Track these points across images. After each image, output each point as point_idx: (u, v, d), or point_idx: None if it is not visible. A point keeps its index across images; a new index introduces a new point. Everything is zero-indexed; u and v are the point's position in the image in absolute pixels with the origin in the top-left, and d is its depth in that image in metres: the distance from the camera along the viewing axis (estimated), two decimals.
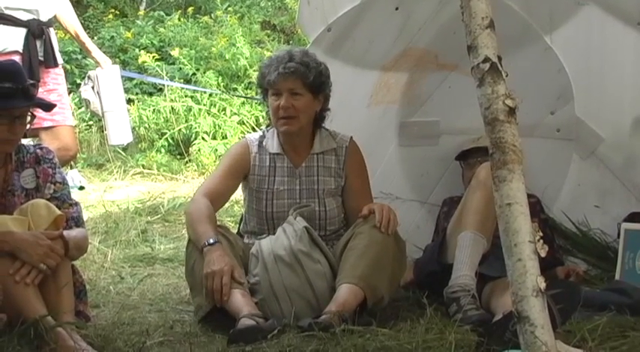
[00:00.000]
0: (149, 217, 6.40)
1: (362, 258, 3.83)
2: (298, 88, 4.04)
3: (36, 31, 5.31)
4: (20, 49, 5.25)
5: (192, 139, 9.31)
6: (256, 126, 9.23)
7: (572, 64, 4.80)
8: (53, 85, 5.47)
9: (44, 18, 5.38)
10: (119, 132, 6.33)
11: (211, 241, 3.88)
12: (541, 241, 2.70)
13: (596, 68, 4.81)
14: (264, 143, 4.19)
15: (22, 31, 5.28)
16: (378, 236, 3.88)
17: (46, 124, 5.32)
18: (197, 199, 4.10)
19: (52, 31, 5.48)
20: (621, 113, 4.87)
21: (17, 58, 5.08)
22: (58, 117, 5.40)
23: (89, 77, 6.27)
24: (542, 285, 2.63)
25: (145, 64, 10.06)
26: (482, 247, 4.08)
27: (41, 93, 4.97)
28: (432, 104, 4.86)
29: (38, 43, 5.34)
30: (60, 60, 5.59)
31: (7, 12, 5.25)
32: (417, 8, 4.58)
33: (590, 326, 3.51)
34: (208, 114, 9.47)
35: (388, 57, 4.69)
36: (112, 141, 6.47)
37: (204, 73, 10.06)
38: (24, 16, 5.29)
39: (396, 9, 4.55)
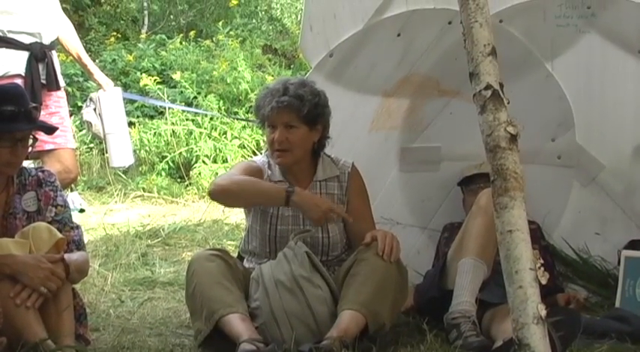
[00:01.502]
0: (149, 240, 6.39)
1: (364, 284, 3.81)
2: (293, 121, 4.03)
3: (38, 54, 5.31)
4: (22, 72, 5.25)
5: (192, 163, 9.33)
6: (257, 150, 9.24)
7: (573, 91, 4.81)
8: (55, 107, 5.47)
9: (47, 41, 5.38)
10: (121, 155, 6.33)
11: (290, 188, 3.95)
12: (542, 268, 2.70)
13: (597, 95, 4.83)
14: (268, 169, 4.19)
15: (24, 55, 5.28)
16: (381, 263, 3.86)
17: (47, 147, 5.31)
18: (228, 176, 4.16)
19: (54, 54, 5.49)
20: (622, 140, 4.89)
21: (19, 82, 5.07)
22: (60, 140, 5.40)
23: (91, 99, 6.28)
24: (543, 313, 2.63)
25: (147, 87, 10.08)
26: (482, 273, 4.07)
27: (43, 116, 4.96)
28: (433, 130, 4.86)
29: (40, 66, 5.34)
30: (62, 83, 5.59)
31: (9, 35, 5.25)
32: (419, 35, 4.60)
33: None
34: (209, 137, 9.48)
35: (390, 83, 4.70)
36: (113, 163, 6.47)
37: (206, 96, 10.08)
38: (26, 40, 5.29)
39: (398, 35, 4.59)
